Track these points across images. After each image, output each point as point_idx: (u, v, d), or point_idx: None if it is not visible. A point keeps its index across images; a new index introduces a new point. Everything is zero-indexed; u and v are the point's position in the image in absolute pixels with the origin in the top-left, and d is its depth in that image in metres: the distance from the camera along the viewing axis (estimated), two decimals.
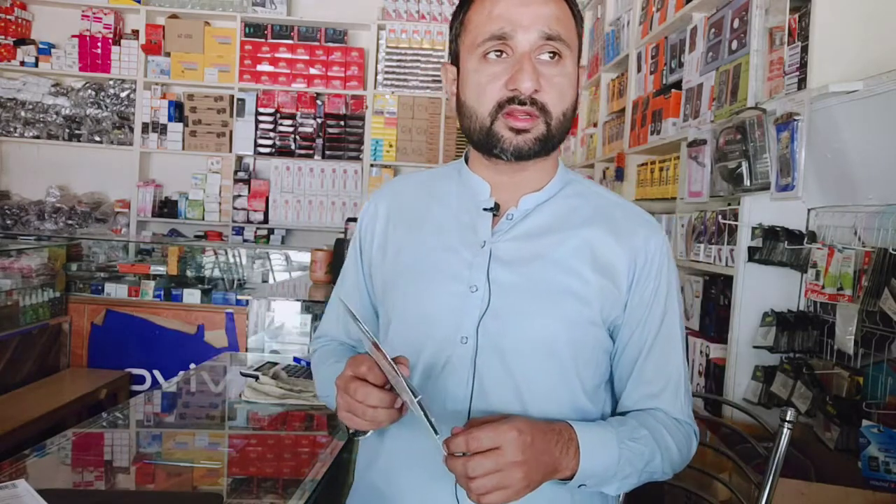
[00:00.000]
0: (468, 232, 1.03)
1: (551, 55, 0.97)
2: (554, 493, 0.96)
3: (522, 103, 0.95)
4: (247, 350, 2.66)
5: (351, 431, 1.01)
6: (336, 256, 2.92)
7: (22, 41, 4.72)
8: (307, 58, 4.81)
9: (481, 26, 0.97)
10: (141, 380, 3.87)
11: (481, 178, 1.06)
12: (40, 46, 4.73)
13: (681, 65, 2.66)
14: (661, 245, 1.04)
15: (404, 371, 0.86)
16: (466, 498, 0.92)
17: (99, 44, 4.74)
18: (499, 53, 0.96)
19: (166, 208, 4.86)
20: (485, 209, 1.04)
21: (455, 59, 1.05)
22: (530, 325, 0.98)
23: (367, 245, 1.14)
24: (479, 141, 1.01)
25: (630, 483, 0.96)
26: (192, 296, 3.93)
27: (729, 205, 2.15)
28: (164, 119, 4.80)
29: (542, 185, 1.05)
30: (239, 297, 3.88)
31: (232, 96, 4.81)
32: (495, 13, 0.96)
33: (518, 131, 0.97)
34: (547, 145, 0.99)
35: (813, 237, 1.88)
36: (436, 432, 0.84)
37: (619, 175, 3.26)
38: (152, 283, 3.95)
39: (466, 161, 1.10)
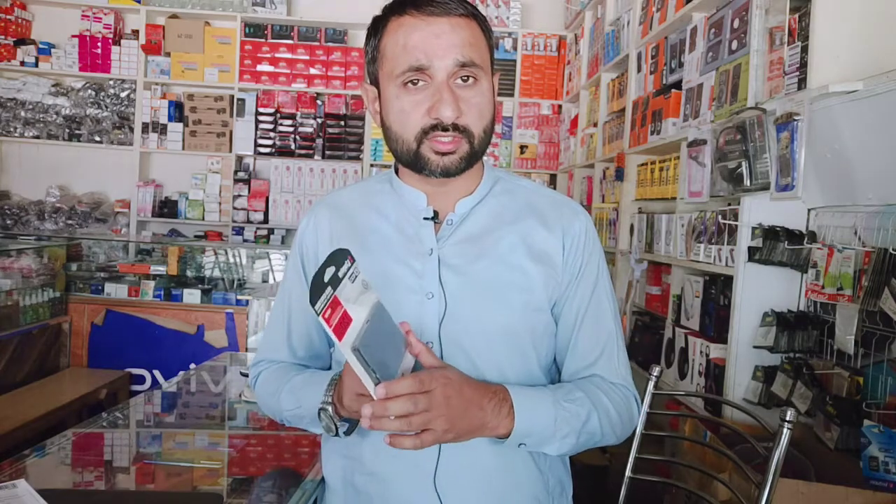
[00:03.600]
0: (414, 242, 1.08)
1: (466, 79, 1.02)
2: (528, 471, 1.07)
3: (445, 129, 1.01)
4: (247, 350, 2.66)
5: (344, 430, 1.04)
6: None
7: (22, 41, 4.72)
8: (307, 58, 4.82)
9: (398, 57, 1.02)
10: (141, 380, 3.86)
11: (416, 189, 1.11)
12: (40, 46, 4.73)
13: (681, 65, 2.66)
14: (584, 224, 1.12)
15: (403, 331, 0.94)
16: (446, 493, 1.03)
17: (99, 44, 4.74)
18: (416, 81, 1.02)
19: (166, 208, 4.86)
20: (425, 218, 1.09)
21: (374, 80, 1.11)
22: (487, 320, 1.05)
23: (311, 264, 1.16)
24: (407, 162, 1.07)
25: (569, 443, 1.02)
26: (192, 296, 3.93)
27: (729, 205, 2.15)
28: (164, 119, 4.80)
29: (473, 188, 1.12)
30: (239, 297, 3.88)
31: (232, 96, 4.82)
32: (410, 44, 1.01)
33: (443, 154, 1.03)
34: (472, 161, 1.06)
35: (813, 237, 1.88)
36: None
37: (619, 175, 3.26)
38: (152, 283, 3.95)
39: (397, 173, 1.15)
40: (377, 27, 1.07)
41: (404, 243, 1.09)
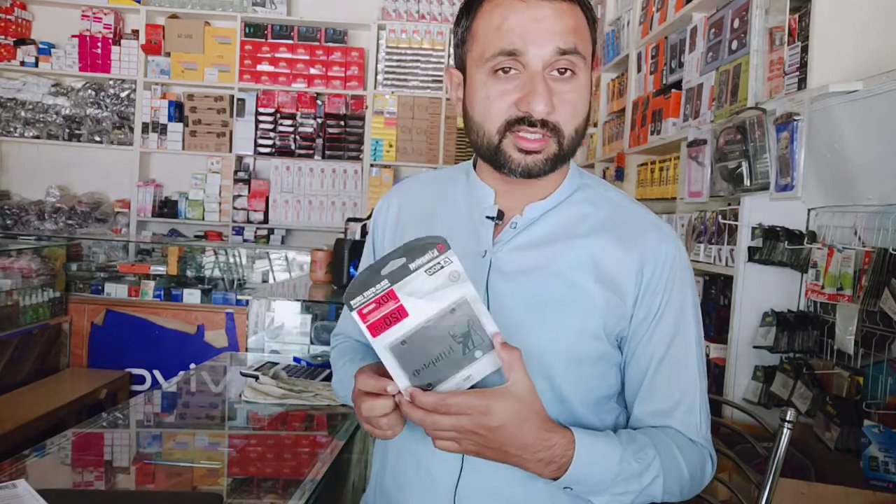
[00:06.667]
0: (471, 240, 1.00)
1: (563, 70, 0.92)
2: (551, 491, 0.95)
3: (533, 124, 0.91)
4: (247, 350, 2.65)
5: None
6: (336, 256, 2.92)
7: (22, 41, 4.72)
8: (307, 58, 4.82)
9: (490, 40, 0.92)
10: (141, 380, 3.87)
11: (487, 185, 1.02)
12: (40, 46, 4.73)
13: (681, 65, 2.66)
14: (672, 253, 0.98)
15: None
16: (464, 501, 0.95)
17: (99, 44, 4.74)
18: (508, 69, 0.92)
19: (166, 208, 4.86)
20: (487, 217, 1.00)
21: (460, 65, 1.00)
22: (527, 338, 0.94)
23: (379, 244, 1.13)
24: (486, 157, 0.97)
25: (623, 501, 0.92)
26: (192, 296, 3.93)
27: (729, 205, 2.15)
28: (164, 119, 4.80)
29: (551, 191, 1.01)
30: (239, 297, 3.88)
31: (232, 96, 4.82)
32: (506, 27, 0.91)
33: (528, 152, 0.93)
34: (558, 164, 0.95)
35: (813, 237, 1.88)
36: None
37: (619, 175, 3.26)
38: (152, 283, 3.95)
39: (475, 165, 1.07)
40: (470, 7, 0.97)
41: (462, 240, 0.99)
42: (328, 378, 2.07)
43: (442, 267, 0.82)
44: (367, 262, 1.16)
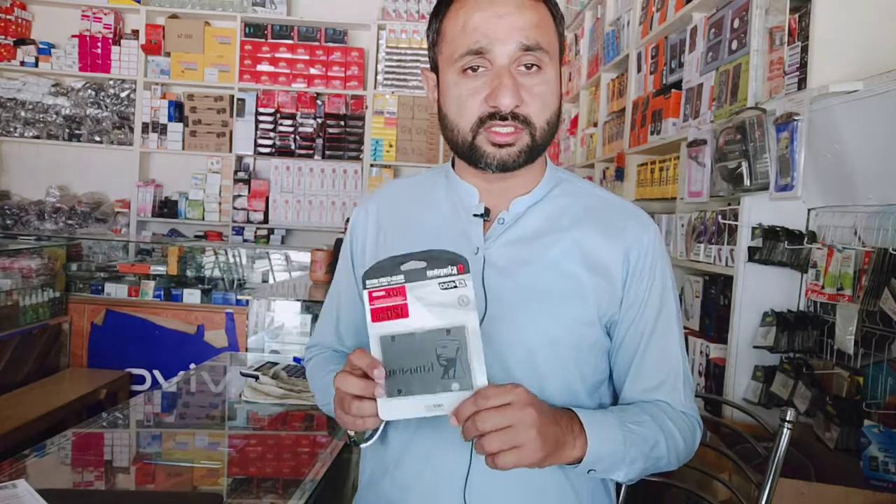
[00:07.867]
0: (461, 239, 1.02)
1: (530, 66, 0.95)
2: (559, 488, 0.98)
3: (504, 118, 0.94)
4: (247, 350, 2.66)
5: (352, 439, 1.00)
6: (336, 256, 2.92)
7: (22, 41, 4.73)
8: (307, 58, 4.82)
9: (457, 39, 0.96)
10: (141, 380, 3.87)
11: (469, 184, 1.05)
12: (40, 46, 4.73)
13: (681, 65, 2.66)
14: (653, 240, 1.04)
15: None
16: (474, 494, 0.95)
17: (99, 44, 4.74)
18: (476, 67, 0.95)
19: (166, 208, 4.87)
20: (475, 215, 1.03)
21: (434, 66, 1.04)
22: (528, 330, 0.98)
23: (359, 255, 1.13)
24: (462, 154, 1.00)
25: (637, 469, 0.95)
26: (192, 296, 3.93)
27: (729, 205, 2.15)
28: (164, 119, 4.81)
29: (531, 187, 1.05)
30: (239, 297, 3.88)
31: (232, 96, 4.82)
32: (471, 26, 0.94)
33: (501, 146, 0.96)
34: (532, 155, 0.98)
35: (813, 237, 1.88)
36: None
37: (619, 175, 3.26)
38: (152, 283, 3.95)
39: (453, 166, 1.09)
40: (439, 10, 1.01)
41: (451, 239, 1.02)
42: None
43: (455, 286, 0.83)
44: (344, 270, 1.16)
